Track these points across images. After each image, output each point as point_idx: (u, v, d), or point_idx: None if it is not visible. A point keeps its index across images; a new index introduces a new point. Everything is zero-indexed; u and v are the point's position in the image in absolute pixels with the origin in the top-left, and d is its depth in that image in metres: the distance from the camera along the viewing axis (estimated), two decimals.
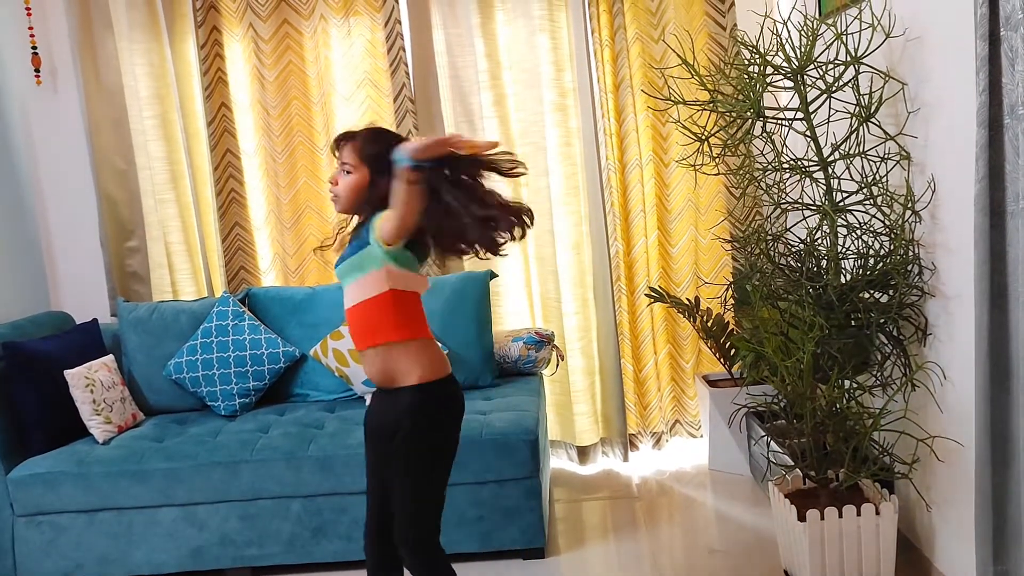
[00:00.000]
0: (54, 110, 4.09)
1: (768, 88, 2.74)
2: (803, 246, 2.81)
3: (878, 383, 2.76)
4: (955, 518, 2.56)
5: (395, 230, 2.04)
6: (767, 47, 2.74)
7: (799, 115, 2.72)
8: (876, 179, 2.64)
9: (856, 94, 2.65)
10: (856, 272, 2.70)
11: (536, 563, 3.17)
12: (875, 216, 2.67)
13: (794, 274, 2.78)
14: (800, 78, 2.67)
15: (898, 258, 2.59)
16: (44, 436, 3.30)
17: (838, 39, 2.66)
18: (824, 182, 2.70)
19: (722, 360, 3.86)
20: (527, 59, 3.95)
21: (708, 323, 3.80)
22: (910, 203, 2.57)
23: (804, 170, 2.74)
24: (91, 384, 3.35)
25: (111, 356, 3.59)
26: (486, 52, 3.95)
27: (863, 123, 2.63)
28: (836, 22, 2.98)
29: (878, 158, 2.67)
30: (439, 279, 3.69)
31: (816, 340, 2.60)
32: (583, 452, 4.07)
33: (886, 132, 2.65)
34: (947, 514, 2.62)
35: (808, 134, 2.70)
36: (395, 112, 3.94)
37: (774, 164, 2.82)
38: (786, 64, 2.67)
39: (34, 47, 4.00)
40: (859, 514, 2.63)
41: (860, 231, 2.69)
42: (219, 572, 3.19)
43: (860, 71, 2.65)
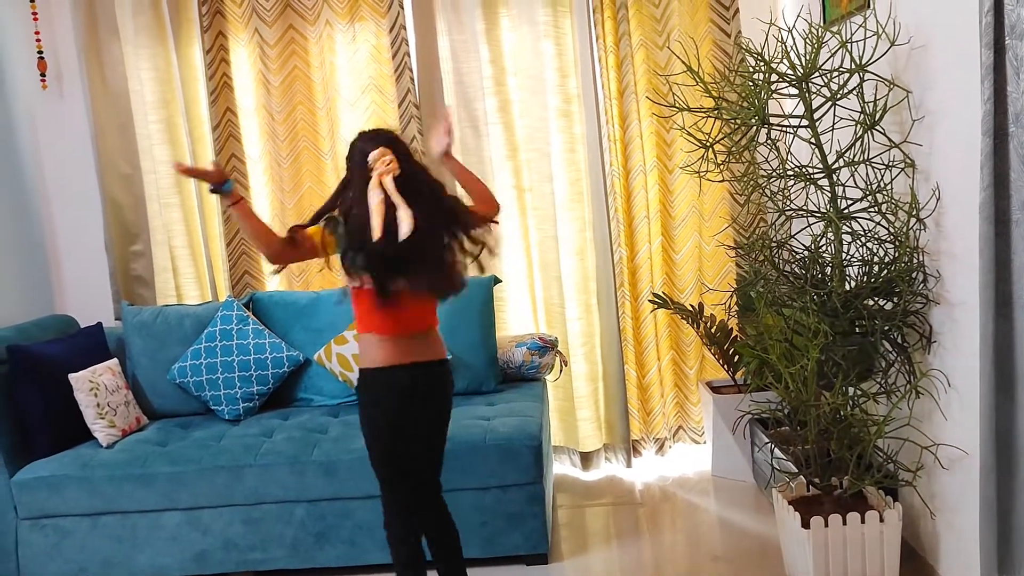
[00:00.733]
0: (60, 114, 4.10)
1: (773, 95, 2.75)
2: (807, 253, 2.82)
3: (882, 390, 2.76)
4: (959, 526, 2.55)
5: None
6: (772, 54, 2.75)
7: (804, 122, 2.72)
8: (880, 186, 2.64)
9: (861, 102, 2.65)
10: (860, 279, 2.70)
11: (539, 569, 3.16)
12: (879, 223, 2.67)
13: (798, 281, 2.78)
14: (805, 85, 2.68)
15: (903, 265, 2.59)
16: (48, 439, 3.30)
17: (843, 47, 2.66)
18: (829, 189, 2.70)
19: (726, 366, 3.86)
20: (532, 65, 3.96)
21: (712, 329, 3.80)
22: (915, 211, 2.57)
23: (809, 177, 2.75)
24: (95, 388, 3.36)
25: (115, 360, 3.60)
26: (491, 58, 3.96)
27: (868, 131, 2.63)
28: (841, 30, 2.98)
29: (883, 166, 2.67)
30: None
31: (820, 347, 2.60)
32: (586, 458, 4.07)
33: (891, 140, 2.66)
34: (951, 522, 2.62)
35: (813, 141, 2.70)
36: (400, 117, 3.95)
37: (778, 171, 2.82)
38: (791, 71, 2.68)
39: (40, 51, 4.02)
40: (863, 521, 2.63)
41: (864, 238, 2.69)
42: None
43: (865, 79, 2.65)
